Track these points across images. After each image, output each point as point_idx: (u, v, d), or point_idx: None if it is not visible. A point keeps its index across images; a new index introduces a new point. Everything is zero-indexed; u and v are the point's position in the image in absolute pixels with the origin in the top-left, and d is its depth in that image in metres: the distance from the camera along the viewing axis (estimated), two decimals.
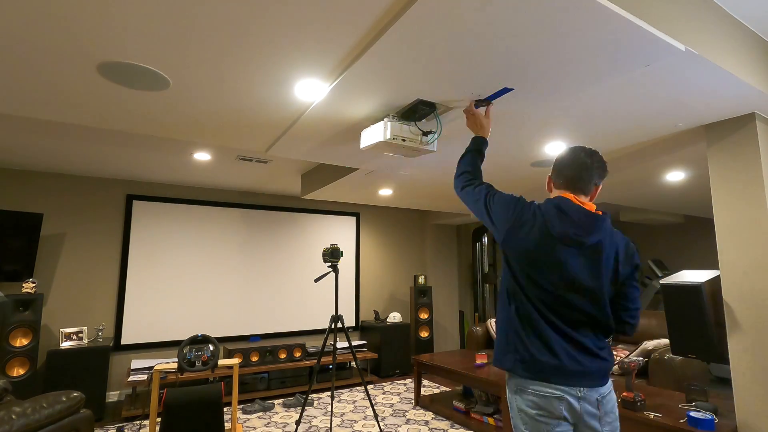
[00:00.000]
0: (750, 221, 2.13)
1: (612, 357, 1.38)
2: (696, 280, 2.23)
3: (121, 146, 3.29)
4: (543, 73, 1.71)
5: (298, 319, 5.20)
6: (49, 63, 1.71)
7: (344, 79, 1.78)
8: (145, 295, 4.39)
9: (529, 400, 1.32)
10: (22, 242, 3.69)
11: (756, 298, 2.08)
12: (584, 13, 1.30)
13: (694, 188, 3.89)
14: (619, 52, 1.53)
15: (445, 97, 1.92)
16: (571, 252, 1.35)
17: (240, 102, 2.09)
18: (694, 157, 2.96)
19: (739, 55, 1.80)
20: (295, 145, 2.68)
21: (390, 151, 2.10)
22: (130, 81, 1.86)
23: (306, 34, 1.49)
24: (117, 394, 4.20)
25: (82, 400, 2.36)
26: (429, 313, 5.59)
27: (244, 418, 3.74)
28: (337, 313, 3.07)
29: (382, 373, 5.10)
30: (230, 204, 4.94)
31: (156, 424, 3.22)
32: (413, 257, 6.27)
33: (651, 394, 2.70)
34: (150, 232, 4.48)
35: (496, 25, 1.38)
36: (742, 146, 2.18)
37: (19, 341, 3.41)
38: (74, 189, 4.23)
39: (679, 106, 2.06)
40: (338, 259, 3.20)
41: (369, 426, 3.54)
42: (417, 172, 3.42)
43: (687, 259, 5.92)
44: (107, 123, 2.37)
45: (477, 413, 3.54)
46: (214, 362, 3.14)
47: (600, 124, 2.33)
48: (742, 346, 2.11)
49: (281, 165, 3.88)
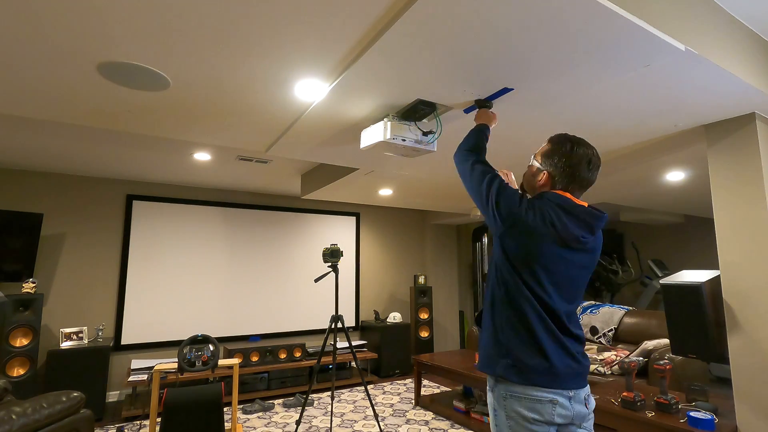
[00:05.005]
0: (750, 221, 2.13)
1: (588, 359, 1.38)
2: (696, 280, 2.23)
3: (121, 146, 3.30)
4: (543, 73, 1.71)
5: (298, 319, 5.20)
6: (49, 63, 1.71)
7: (344, 79, 1.78)
8: (145, 295, 4.39)
9: (526, 407, 1.27)
10: (22, 242, 3.69)
11: (756, 297, 2.08)
12: (584, 12, 1.30)
13: (694, 188, 3.89)
14: (619, 52, 1.53)
15: (445, 97, 1.92)
16: (572, 254, 1.33)
17: (240, 102, 2.09)
18: (694, 157, 2.96)
19: (739, 55, 1.80)
20: (295, 145, 2.68)
21: (390, 151, 2.10)
22: (130, 81, 1.86)
23: (306, 34, 1.49)
24: (117, 394, 4.20)
25: (82, 400, 2.36)
26: (429, 313, 5.59)
27: (244, 418, 3.74)
28: (337, 313, 3.06)
29: (382, 373, 5.10)
30: (230, 204, 4.94)
31: (156, 424, 3.22)
32: (413, 257, 6.27)
33: (651, 394, 2.70)
34: (150, 232, 4.48)
35: (496, 25, 1.38)
36: (742, 146, 2.18)
37: (19, 341, 3.41)
38: (74, 189, 4.23)
39: (679, 105, 2.06)
40: (338, 259, 3.20)
41: (369, 426, 3.54)
42: (417, 172, 3.42)
43: (687, 259, 5.92)
44: (107, 123, 2.37)
45: (477, 413, 3.54)
46: (214, 362, 3.14)
47: (600, 124, 2.33)
48: (742, 346, 2.11)
49: (281, 165, 3.88)
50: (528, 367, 1.28)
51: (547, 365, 1.27)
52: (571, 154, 1.38)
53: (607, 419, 2.45)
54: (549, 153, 1.43)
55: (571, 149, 1.39)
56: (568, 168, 1.37)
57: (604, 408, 2.46)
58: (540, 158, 1.45)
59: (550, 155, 1.42)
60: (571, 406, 1.28)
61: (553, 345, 1.29)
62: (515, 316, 1.32)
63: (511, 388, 1.30)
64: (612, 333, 4.13)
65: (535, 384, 1.27)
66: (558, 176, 1.40)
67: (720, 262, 2.22)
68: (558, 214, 1.32)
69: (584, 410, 1.31)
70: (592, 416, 1.36)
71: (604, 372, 3.45)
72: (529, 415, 1.26)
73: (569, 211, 1.33)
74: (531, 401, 1.27)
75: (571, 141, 1.40)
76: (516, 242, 1.33)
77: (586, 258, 1.36)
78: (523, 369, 1.28)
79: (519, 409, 1.28)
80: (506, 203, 1.36)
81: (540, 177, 1.43)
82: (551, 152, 1.42)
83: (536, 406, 1.26)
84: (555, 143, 1.43)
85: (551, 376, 1.27)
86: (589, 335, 4.31)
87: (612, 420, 2.42)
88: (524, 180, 1.53)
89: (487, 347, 1.38)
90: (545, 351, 1.28)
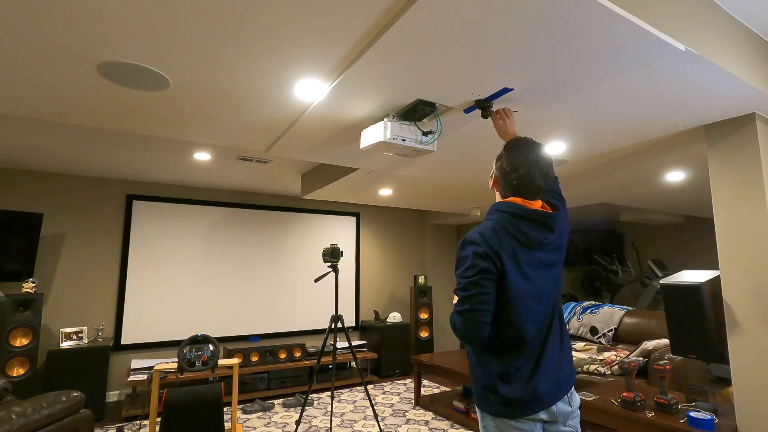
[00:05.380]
0: (750, 221, 2.13)
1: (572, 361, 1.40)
2: (696, 280, 2.23)
3: (121, 146, 3.30)
4: (543, 74, 1.71)
5: (298, 319, 5.20)
6: (49, 63, 1.71)
7: (344, 79, 1.78)
8: (145, 295, 4.39)
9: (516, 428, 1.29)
10: (22, 242, 3.69)
11: (756, 298, 2.08)
12: (584, 13, 1.30)
13: (694, 188, 3.89)
14: (619, 52, 1.53)
15: (445, 97, 1.92)
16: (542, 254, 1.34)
17: (240, 102, 2.09)
18: (694, 157, 2.96)
19: (739, 55, 1.80)
20: (295, 145, 2.68)
21: (390, 151, 2.10)
22: (130, 81, 1.86)
23: (306, 34, 1.49)
24: (117, 394, 4.20)
25: (82, 400, 2.36)
26: (429, 313, 5.59)
27: (244, 418, 3.74)
28: (337, 313, 3.07)
29: (382, 373, 5.10)
30: (230, 204, 4.94)
31: (156, 424, 3.22)
32: (413, 257, 6.27)
33: (651, 394, 2.70)
34: (150, 232, 4.48)
35: (496, 25, 1.38)
36: (742, 146, 2.18)
37: (19, 341, 3.41)
38: (74, 189, 4.23)
39: (679, 106, 2.06)
40: (338, 259, 3.20)
41: (369, 426, 3.54)
42: (417, 172, 3.42)
43: (687, 259, 5.92)
44: (107, 123, 2.37)
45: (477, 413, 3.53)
46: (214, 362, 3.14)
47: (600, 124, 2.33)
48: (742, 346, 2.11)
49: (281, 165, 3.88)
50: (517, 401, 1.28)
51: (535, 395, 1.28)
52: (514, 159, 1.38)
53: (607, 419, 2.45)
54: (498, 157, 1.45)
55: (503, 156, 1.41)
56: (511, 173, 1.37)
57: (604, 408, 2.46)
58: (495, 162, 1.47)
59: (498, 159, 1.44)
60: (556, 408, 1.30)
61: (541, 366, 1.30)
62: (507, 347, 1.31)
63: (502, 423, 1.31)
64: (612, 333, 4.13)
65: (525, 415, 1.28)
66: (502, 185, 1.41)
67: (720, 262, 2.22)
68: (514, 224, 1.31)
69: (568, 408, 1.33)
70: (577, 413, 1.36)
71: (604, 372, 3.45)
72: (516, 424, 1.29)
73: (524, 216, 1.33)
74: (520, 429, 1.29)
75: (518, 145, 1.41)
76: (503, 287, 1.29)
77: (554, 256, 1.38)
78: (513, 403, 1.28)
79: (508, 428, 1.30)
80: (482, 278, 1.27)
81: (491, 181, 1.49)
82: (499, 157, 1.44)
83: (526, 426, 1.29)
84: (504, 148, 1.46)
85: (539, 404, 1.28)
86: (589, 335, 4.31)
87: (612, 420, 2.42)
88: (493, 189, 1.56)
89: (474, 380, 1.39)
90: (535, 375, 1.28)
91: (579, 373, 3.59)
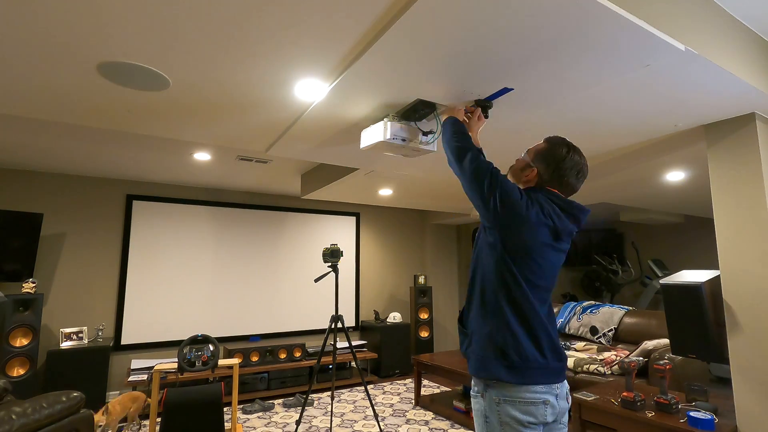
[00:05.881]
0: (750, 221, 2.13)
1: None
2: (696, 280, 2.23)
3: (121, 146, 3.30)
4: (543, 73, 1.71)
5: (298, 319, 5.20)
6: (49, 63, 1.71)
7: (344, 79, 1.78)
8: (145, 295, 4.39)
9: (520, 410, 1.25)
10: (22, 242, 3.69)
11: (756, 298, 2.08)
12: (584, 12, 1.30)
13: (694, 188, 3.89)
14: (619, 51, 1.53)
15: (445, 97, 1.92)
16: (560, 244, 1.39)
17: (240, 102, 2.09)
18: (694, 157, 2.96)
19: (739, 55, 1.80)
20: (295, 145, 2.68)
21: (390, 151, 2.10)
22: (130, 81, 1.86)
23: (306, 34, 1.49)
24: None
25: (82, 400, 2.36)
26: (429, 313, 5.59)
27: (244, 418, 3.74)
28: (337, 313, 3.07)
29: (382, 373, 5.10)
30: (230, 204, 4.94)
31: (156, 424, 3.22)
32: (413, 257, 6.27)
33: (651, 394, 2.70)
34: (150, 232, 4.48)
35: (496, 24, 1.38)
36: (742, 146, 2.18)
37: (19, 341, 3.41)
38: (74, 189, 4.23)
39: (679, 105, 2.06)
40: (338, 259, 3.20)
41: (369, 426, 3.54)
42: (417, 172, 3.42)
43: (687, 259, 5.92)
44: (107, 123, 2.37)
45: None
46: (214, 362, 3.14)
47: (600, 124, 2.33)
48: (742, 346, 2.11)
49: (281, 165, 3.88)
50: (526, 365, 1.28)
51: (544, 362, 1.29)
52: (565, 158, 1.42)
53: (607, 419, 2.45)
54: (543, 152, 1.46)
55: (567, 154, 1.43)
56: (559, 171, 1.42)
57: (604, 408, 2.46)
58: (533, 155, 1.48)
59: (543, 155, 1.45)
60: (558, 403, 1.31)
61: (547, 340, 1.32)
62: (514, 313, 1.31)
63: (504, 391, 1.28)
64: (612, 333, 4.13)
65: (533, 382, 1.27)
66: (547, 177, 1.44)
67: (720, 262, 2.22)
68: (554, 210, 1.37)
69: (566, 405, 1.35)
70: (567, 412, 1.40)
71: (604, 372, 3.45)
72: (524, 418, 1.25)
73: (564, 208, 1.39)
74: (526, 404, 1.26)
75: (568, 146, 1.44)
76: (516, 236, 1.33)
77: (566, 246, 1.43)
78: (520, 368, 1.27)
79: (514, 413, 1.26)
80: (509, 197, 1.34)
81: (528, 173, 1.47)
82: (546, 152, 1.45)
83: (531, 409, 1.26)
84: (551, 144, 1.46)
85: (547, 372, 1.29)
86: (589, 335, 4.31)
87: (612, 420, 2.42)
88: (511, 172, 1.56)
89: (479, 349, 1.34)
90: (542, 347, 1.30)
91: (579, 373, 3.59)
